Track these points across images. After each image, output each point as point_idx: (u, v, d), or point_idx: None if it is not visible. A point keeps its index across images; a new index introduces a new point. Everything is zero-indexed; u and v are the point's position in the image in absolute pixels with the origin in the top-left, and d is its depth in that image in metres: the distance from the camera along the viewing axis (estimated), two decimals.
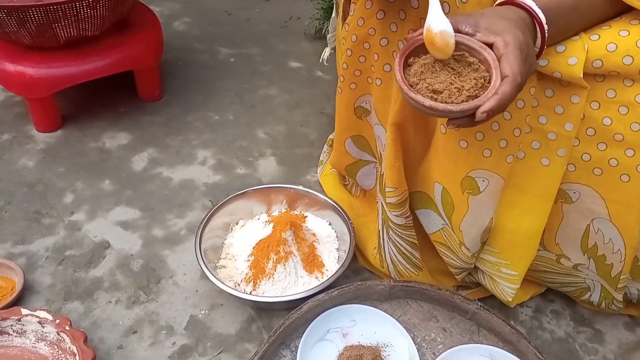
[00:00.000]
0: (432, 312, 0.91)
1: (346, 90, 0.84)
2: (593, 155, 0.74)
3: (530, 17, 0.65)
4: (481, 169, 0.76)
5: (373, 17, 0.74)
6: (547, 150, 0.76)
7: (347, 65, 0.81)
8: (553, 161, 0.76)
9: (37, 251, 1.04)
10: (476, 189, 0.78)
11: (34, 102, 1.28)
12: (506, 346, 0.86)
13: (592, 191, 0.76)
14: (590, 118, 0.73)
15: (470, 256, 0.86)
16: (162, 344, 0.91)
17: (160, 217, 1.12)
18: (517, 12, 0.65)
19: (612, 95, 0.71)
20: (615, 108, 0.71)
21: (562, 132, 0.74)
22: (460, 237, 0.84)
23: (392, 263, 0.95)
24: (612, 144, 0.72)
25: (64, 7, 1.09)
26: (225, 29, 1.77)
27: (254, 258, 0.96)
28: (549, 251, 0.85)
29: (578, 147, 0.75)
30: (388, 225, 0.91)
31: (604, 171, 0.74)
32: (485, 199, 0.78)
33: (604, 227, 0.78)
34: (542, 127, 0.75)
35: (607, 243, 0.79)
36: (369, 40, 0.76)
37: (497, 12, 0.65)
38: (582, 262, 0.84)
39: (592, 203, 0.77)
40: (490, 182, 0.77)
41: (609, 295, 0.87)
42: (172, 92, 1.47)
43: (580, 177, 0.76)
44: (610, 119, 0.72)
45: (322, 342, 0.86)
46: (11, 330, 0.85)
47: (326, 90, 1.50)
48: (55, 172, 1.22)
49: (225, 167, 1.25)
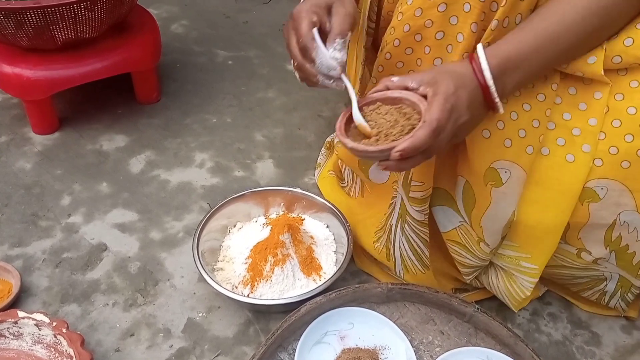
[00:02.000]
0: (429, 314, 0.91)
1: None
2: (620, 148, 0.74)
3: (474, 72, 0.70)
4: (503, 160, 0.77)
5: (434, 9, 0.72)
6: (572, 146, 0.76)
7: (390, 55, 0.78)
8: (578, 157, 0.76)
9: (34, 253, 1.04)
10: (499, 180, 0.78)
11: (32, 104, 1.27)
12: (503, 349, 0.86)
13: (619, 185, 0.75)
14: (615, 109, 0.74)
15: (488, 252, 0.85)
16: (160, 346, 0.90)
17: (158, 220, 1.12)
18: (467, 67, 0.70)
19: (635, 85, 0.73)
20: (639, 97, 0.72)
21: (587, 128, 0.75)
22: (480, 233, 0.84)
23: (400, 257, 0.95)
24: (638, 134, 0.72)
25: (62, 9, 1.09)
26: (223, 31, 1.77)
27: (252, 261, 0.96)
28: (570, 245, 0.84)
29: (604, 140, 0.75)
30: (405, 220, 0.91)
31: (632, 163, 0.74)
32: (508, 191, 0.79)
33: (630, 219, 0.77)
34: (566, 123, 0.77)
35: (632, 232, 0.78)
36: (422, 33, 0.74)
37: (446, 67, 0.72)
38: (603, 256, 0.83)
39: (620, 196, 0.76)
40: (512, 173, 0.78)
41: (626, 283, 0.86)
42: (170, 94, 1.47)
43: (608, 172, 0.75)
44: (635, 108, 0.72)
45: (320, 345, 0.86)
46: (8, 332, 0.85)
47: (324, 93, 1.50)
48: (52, 174, 1.22)
49: (223, 169, 1.25)
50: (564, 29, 0.71)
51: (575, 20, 0.71)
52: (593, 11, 0.70)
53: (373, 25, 0.86)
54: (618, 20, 0.72)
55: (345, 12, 0.74)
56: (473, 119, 0.71)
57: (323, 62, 0.72)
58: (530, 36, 0.71)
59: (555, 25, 0.71)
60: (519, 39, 0.71)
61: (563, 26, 0.71)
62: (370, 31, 0.86)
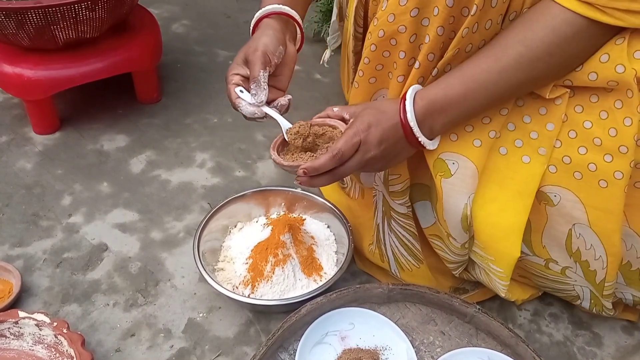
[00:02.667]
0: (430, 315, 0.91)
1: (364, 84, 0.84)
2: (573, 159, 0.76)
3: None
4: (449, 152, 0.80)
5: (406, 14, 0.73)
6: (528, 148, 0.79)
7: (368, 60, 0.80)
8: (534, 159, 0.79)
9: (34, 253, 1.04)
10: (447, 171, 0.80)
11: (32, 104, 1.27)
12: (504, 349, 0.86)
13: (572, 195, 0.78)
14: (573, 120, 0.76)
15: (459, 247, 0.86)
16: (160, 347, 0.90)
17: (159, 220, 1.12)
18: (395, 105, 0.76)
19: (594, 100, 0.75)
20: (597, 112, 0.74)
21: (544, 132, 0.78)
22: (446, 228, 0.85)
23: (393, 255, 0.96)
24: (591, 148, 0.75)
25: (63, 9, 1.09)
26: (224, 31, 1.77)
27: (252, 261, 0.96)
28: (537, 256, 0.85)
29: (560, 148, 0.77)
30: (390, 216, 0.92)
31: (583, 175, 0.76)
32: (457, 182, 0.80)
33: (584, 233, 0.79)
34: (525, 125, 0.79)
35: (589, 249, 0.80)
36: (396, 37, 0.76)
37: (376, 104, 0.79)
38: (569, 265, 0.84)
39: (573, 208, 0.78)
40: (459, 164, 0.80)
41: (598, 302, 0.87)
42: (171, 94, 1.47)
43: (561, 180, 0.78)
44: (591, 123, 0.75)
45: (321, 345, 0.86)
46: (8, 333, 0.85)
47: (325, 93, 1.50)
48: (53, 174, 1.21)
49: (224, 169, 1.25)
50: (494, 76, 0.73)
51: (505, 68, 0.72)
52: (523, 62, 0.71)
53: (360, 30, 0.86)
54: (557, 68, 0.73)
55: (255, 57, 0.80)
56: (386, 154, 0.77)
57: (246, 111, 0.81)
58: (457, 82, 0.74)
59: (485, 73, 0.73)
60: (448, 83, 0.75)
61: (492, 74, 0.73)
62: (358, 35, 0.87)
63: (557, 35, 0.69)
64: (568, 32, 0.69)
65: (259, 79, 0.79)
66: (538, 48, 0.70)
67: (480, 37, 0.74)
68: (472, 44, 0.74)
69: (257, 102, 0.81)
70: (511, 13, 0.74)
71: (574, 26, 0.69)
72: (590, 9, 0.67)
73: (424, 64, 0.75)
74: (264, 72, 0.80)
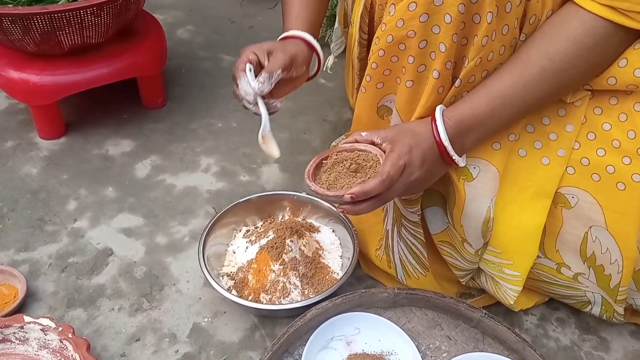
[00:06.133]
0: (436, 320, 0.91)
1: (371, 90, 0.84)
2: (592, 160, 0.77)
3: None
4: (470, 157, 0.80)
5: (415, 19, 0.73)
6: (547, 149, 0.80)
7: (376, 65, 0.80)
8: (553, 160, 0.79)
9: (40, 258, 1.04)
10: (469, 175, 0.80)
11: (38, 110, 1.28)
12: (511, 354, 0.85)
13: (590, 197, 0.78)
14: (592, 122, 0.77)
15: (473, 254, 0.86)
16: (165, 352, 0.90)
17: (164, 224, 1.12)
18: (426, 126, 0.76)
19: (614, 102, 0.76)
20: (616, 115, 0.75)
21: (563, 133, 0.79)
22: (462, 233, 0.85)
23: (400, 262, 0.95)
24: (610, 150, 0.75)
25: (69, 14, 1.09)
26: (228, 36, 1.78)
27: (257, 265, 0.95)
28: (549, 259, 0.85)
29: (578, 150, 0.78)
30: (400, 224, 0.92)
31: (601, 177, 0.77)
32: (479, 185, 0.80)
33: (601, 236, 0.79)
34: (544, 127, 0.80)
35: (605, 253, 0.80)
36: (405, 42, 0.76)
37: (407, 126, 0.78)
38: (582, 271, 0.84)
39: (590, 210, 0.78)
40: (481, 168, 0.80)
41: (609, 308, 0.87)
42: (176, 99, 1.47)
43: (579, 182, 0.78)
44: (610, 125, 0.76)
45: (326, 350, 0.86)
46: (14, 337, 0.85)
47: (329, 98, 1.50)
48: (58, 179, 1.22)
49: (229, 174, 1.25)
50: (519, 91, 0.73)
51: (530, 83, 0.73)
52: (547, 75, 0.72)
53: (365, 36, 0.87)
54: (580, 77, 0.74)
55: (281, 56, 0.83)
56: (428, 175, 0.76)
57: (242, 87, 0.82)
58: (483, 100, 0.75)
59: (510, 89, 0.74)
60: (473, 101, 0.75)
61: (517, 89, 0.73)
62: (363, 42, 0.88)
63: (579, 47, 0.71)
64: (590, 42, 0.70)
65: (274, 74, 0.81)
66: (562, 61, 0.71)
67: (499, 43, 0.73)
68: (493, 52, 0.74)
69: (258, 89, 0.82)
70: (530, 16, 0.74)
71: (595, 37, 0.70)
72: (615, 13, 0.68)
73: (443, 72, 0.74)
74: (281, 72, 0.82)
